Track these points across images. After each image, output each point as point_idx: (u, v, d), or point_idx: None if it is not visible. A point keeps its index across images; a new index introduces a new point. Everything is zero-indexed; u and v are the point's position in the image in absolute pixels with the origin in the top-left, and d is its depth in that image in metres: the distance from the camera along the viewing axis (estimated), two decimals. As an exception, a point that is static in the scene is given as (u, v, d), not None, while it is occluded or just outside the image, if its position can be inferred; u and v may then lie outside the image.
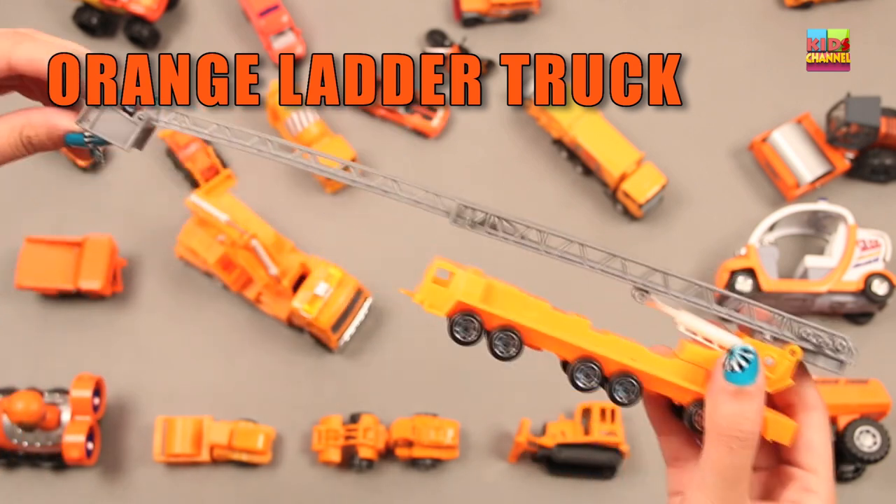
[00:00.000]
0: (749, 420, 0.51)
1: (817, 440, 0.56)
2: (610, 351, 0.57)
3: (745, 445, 0.51)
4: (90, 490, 1.55)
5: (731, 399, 0.51)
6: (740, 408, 0.51)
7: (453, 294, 0.56)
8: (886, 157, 1.69)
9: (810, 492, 0.54)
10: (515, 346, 0.56)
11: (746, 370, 0.51)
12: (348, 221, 1.74)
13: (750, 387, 0.51)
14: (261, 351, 1.64)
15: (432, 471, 1.55)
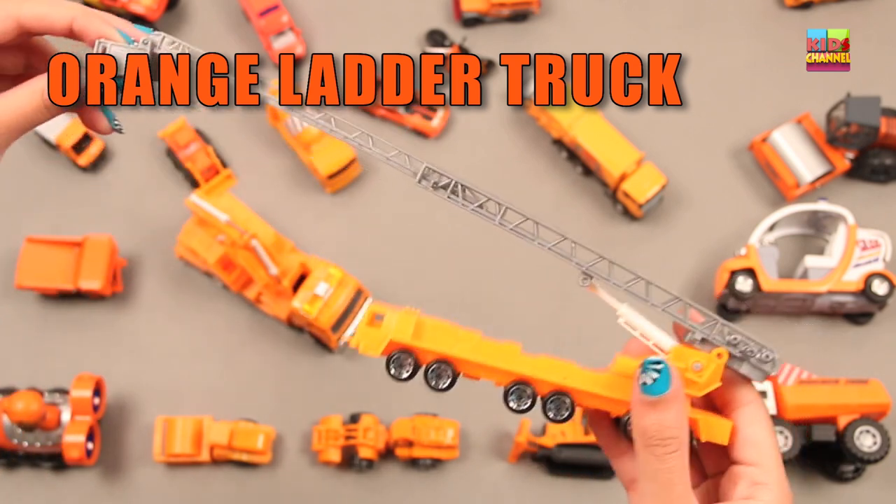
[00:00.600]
0: (670, 427, 0.53)
1: (758, 433, 0.57)
2: (540, 372, 0.59)
3: (672, 450, 0.53)
4: (90, 490, 1.55)
5: (650, 409, 0.53)
6: (659, 416, 0.53)
7: (385, 334, 0.58)
8: (886, 157, 1.69)
9: (759, 484, 0.56)
10: (449, 378, 0.58)
11: (659, 380, 0.53)
12: (348, 221, 1.74)
13: (665, 395, 0.52)
14: (261, 351, 1.64)
15: (432, 471, 1.55)
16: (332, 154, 1.71)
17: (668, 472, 0.53)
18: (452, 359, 0.58)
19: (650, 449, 0.53)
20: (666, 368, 0.53)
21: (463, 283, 1.67)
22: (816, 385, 1.47)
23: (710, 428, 0.56)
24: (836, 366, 1.57)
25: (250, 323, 1.66)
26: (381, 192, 1.75)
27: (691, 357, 0.57)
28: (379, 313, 0.60)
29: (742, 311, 1.63)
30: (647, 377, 0.53)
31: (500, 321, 1.61)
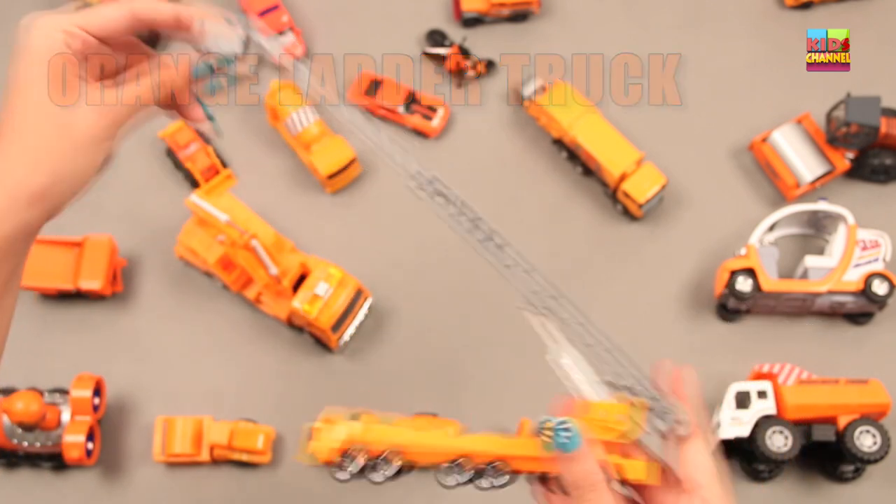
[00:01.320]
0: (592, 472, 0.61)
1: (702, 461, 0.64)
2: (472, 447, 0.65)
3: (601, 490, 0.61)
4: (90, 490, 1.55)
5: (571, 463, 0.61)
6: (582, 467, 0.61)
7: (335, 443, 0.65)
8: (886, 157, 1.69)
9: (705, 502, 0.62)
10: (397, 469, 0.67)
11: (572, 437, 0.60)
12: (348, 221, 1.74)
13: (581, 449, 0.60)
14: (261, 351, 1.64)
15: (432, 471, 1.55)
16: (332, 154, 1.71)
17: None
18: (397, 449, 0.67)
19: (581, 495, 0.61)
20: (573, 426, 0.60)
21: (463, 283, 1.67)
22: (816, 385, 1.47)
23: (633, 469, 0.63)
24: (836, 366, 1.56)
25: (250, 323, 1.66)
26: (382, 192, 1.75)
27: (613, 410, 0.63)
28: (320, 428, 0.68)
29: (742, 311, 1.63)
30: (562, 437, 0.60)
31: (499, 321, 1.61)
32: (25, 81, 0.64)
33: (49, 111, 0.63)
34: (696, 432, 0.65)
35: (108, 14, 0.65)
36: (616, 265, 1.69)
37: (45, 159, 0.64)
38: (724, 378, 1.52)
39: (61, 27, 0.64)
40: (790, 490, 1.53)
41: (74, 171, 0.65)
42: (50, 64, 0.64)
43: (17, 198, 0.63)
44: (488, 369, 1.59)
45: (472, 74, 1.83)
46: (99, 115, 0.65)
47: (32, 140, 0.63)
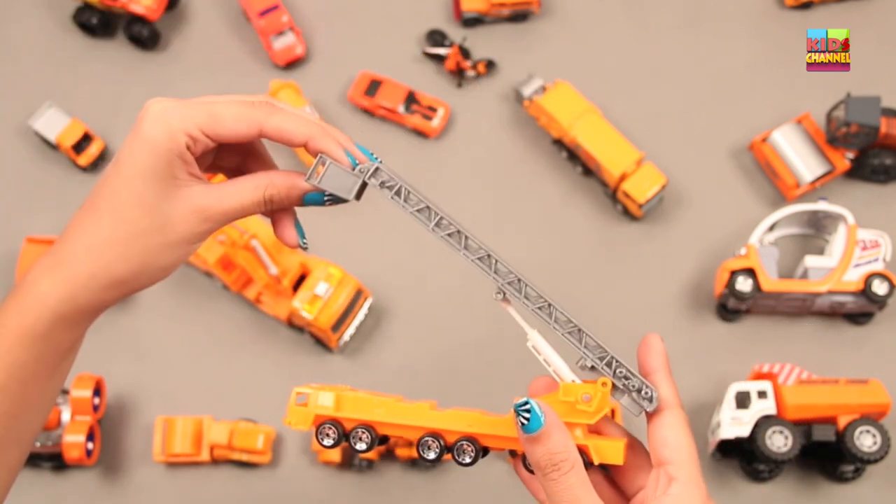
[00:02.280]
0: (557, 452, 0.60)
1: (670, 435, 0.62)
2: (446, 423, 0.66)
3: (565, 470, 0.60)
4: (90, 490, 1.55)
5: (535, 444, 0.60)
6: (544, 448, 0.60)
7: (311, 411, 0.66)
8: (886, 157, 1.69)
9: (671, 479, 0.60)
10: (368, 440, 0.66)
11: (532, 419, 0.59)
12: (348, 221, 1.74)
13: (542, 429, 0.59)
14: (261, 351, 1.64)
15: (432, 471, 1.55)
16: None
17: (569, 490, 0.59)
18: (370, 423, 0.66)
19: (548, 476, 0.60)
20: (533, 406, 0.60)
21: (462, 283, 1.67)
22: (816, 385, 1.47)
23: (600, 451, 0.62)
24: (836, 366, 1.56)
25: (250, 323, 1.66)
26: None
27: (580, 390, 0.63)
28: (302, 393, 0.68)
29: (742, 311, 1.63)
30: (521, 419, 0.59)
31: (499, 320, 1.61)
32: (134, 169, 0.62)
33: (150, 205, 0.63)
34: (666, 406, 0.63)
35: (238, 125, 0.64)
36: (616, 265, 1.69)
37: (136, 252, 0.63)
38: (724, 378, 1.52)
39: (186, 129, 0.62)
40: (790, 490, 1.53)
41: (161, 267, 0.65)
42: (164, 158, 0.62)
43: (99, 278, 0.64)
44: (488, 368, 1.59)
45: (472, 74, 1.83)
46: (198, 220, 0.64)
47: (125, 229, 0.63)
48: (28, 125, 1.77)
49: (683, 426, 0.63)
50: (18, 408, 0.64)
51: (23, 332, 0.63)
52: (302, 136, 0.65)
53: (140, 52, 1.88)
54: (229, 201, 0.65)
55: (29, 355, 0.63)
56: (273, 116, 0.65)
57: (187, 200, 0.64)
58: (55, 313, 0.64)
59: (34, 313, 0.63)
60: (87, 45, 1.89)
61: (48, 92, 1.81)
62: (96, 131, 1.78)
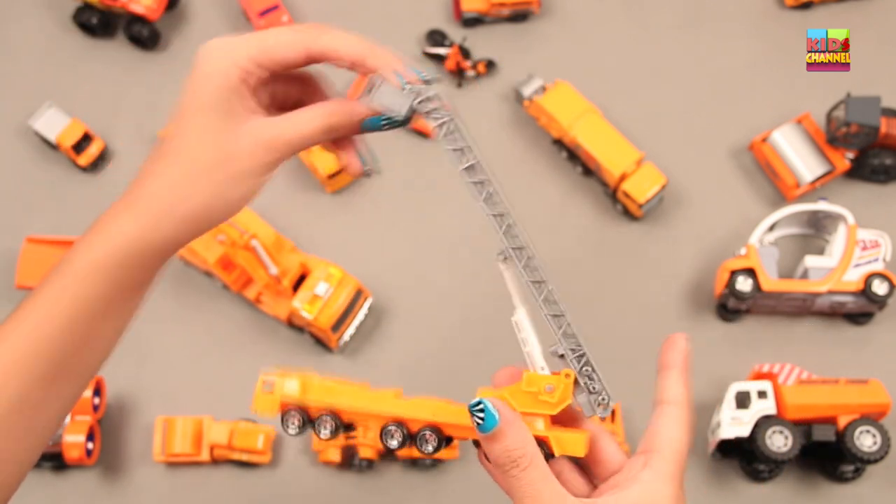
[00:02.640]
0: (513, 449, 0.60)
1: (664, 428, 0.61)
2: (409, 412, 0.66)
3: (524, 466, 0.60)
4: (90, 490, 1.55)
5: (492, 442, 0.60)
6: (501, 445, 0.60)
7: (277, 397, 0.66)
8: (886, 157, 1.69)
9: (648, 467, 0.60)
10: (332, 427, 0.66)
11: (486, 418, 0.59)
12: (348, 221, 1.74)
13: (497, 427, 0.59)
14: (261, 351, 1.64)
15: (432, 471, 1.55)
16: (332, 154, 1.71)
17: (530, 485, 0.59)
18: (335, 409, 0.66)
19: (507, 472, 0.60)
20: (486, 406, 0.59)
21: (463, 283, 1.67)
22: (816, 385, 1.47)
23: (561, 443, 0.62)
24: (836, 366, 1.57)
25: (250, 323, 1.66)
26: (382, 191, 1.75)
27: (543, 381, 0.63)
28: (268, 380, 0.68)
29: (742, 310, 1.63)
30: (476, 419, 0.59)
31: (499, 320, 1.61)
32: (194, 107, 0.65)
33: (213, 140, 0.64)
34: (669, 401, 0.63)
35: (287, 50, 0.65)
36: (616, 265, 1.69)
37: (205, 187, 0.64)
38: (724, 378, 1.52)
39: (237, 62, 0.64)
40: (790, 490, 1.53)
41: (228, 201, 0.65)
42: (221, 93, 0.64)
43: (171, 215, 0.64)
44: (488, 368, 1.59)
45: (472, 74, 1.83)
46: (263, 151, 0.64)
47: (192, 166, 0.64)
48: (28, 125, 1.77)
49: (681, 424, 0.62)
50: (80, 344, 0.64)
51: (92, 267, 0.64)
52: (351, 55, 0.65)
53: (140, 52, 1.88)
54: (291, 131, 0.65)
55: (96, 291, 0.64)
56: (322, 37, 0.66)
57: (250, 133, 0.64)
58: (125, 250, 0.64)
59: (104, 249, 0.64)
60: (87, 45, 1.89)
61: (48, 92, 1.81)
62: (96, 131, 1.78)
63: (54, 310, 0.63)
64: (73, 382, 0.67)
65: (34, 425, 0.66)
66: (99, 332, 0.66)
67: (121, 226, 0.64)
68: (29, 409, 0.64)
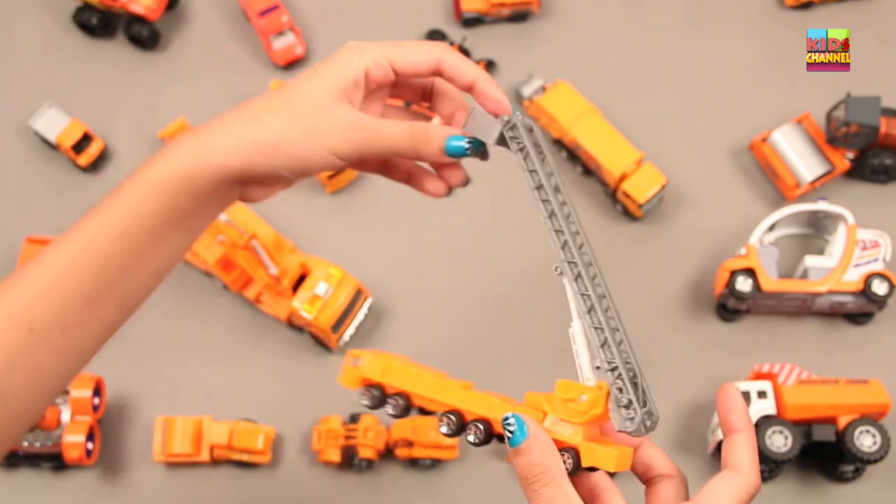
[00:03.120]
0: (536, 464, 0.61)
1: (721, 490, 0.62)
2: (468, 404, 0.69)
3: (545, 482, 0.61)
4: (90, 490, 1.55)
5: (517, 456, 0.62)
6: (525, 460, 0.62)
7: (360, 374, 0.72)
8: (886, 157, 1.69)
9: None
10: (402, 407, 0.71)
11: (516, 433, 0.62)
12: (348, 221, 1.74)
13: (525, 442, 0.62)
14: (261, 351, 1.64)
15: (432, 471, 1.55)
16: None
17: (548, 501, 0.61)
18: (405, 392, 0.71)
19: (529, 486, 0.61)
20: (518, 421, 0.62)
21: (463, 283, 1.67)
22: (816, 385, 1.47)
23: (591, 455, 0.63)
24: (836, 366, 1.57)
25: (250, 323, 1.66)
26: (381, 191, 1.75)
27: (578, 390, 0.64)
28: (356, 357, 0.73)
29: (742, 311, 1.63)
30: (507, 432, 0.63)
31: (500, 319, 1.61)
32: (313, 70, 0.68)
33: (311, 96, 0.66)
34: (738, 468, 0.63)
35: (419, 58, 0.69)
36: (616, 265, 1.69)
37: (283, 124, 0.65)
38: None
39: (373, 56, 0.68)
40: (790, 490, 1.53)
41: (299, 153, 0.66)
42: (340, 72, 0.67)
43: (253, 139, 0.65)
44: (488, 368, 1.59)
45: (472, 74, 1.82)
46: (345, 130, 0.67)
47: (283, 104, 0.66)
48: (28, 125, 1.77)
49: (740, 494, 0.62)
50: (128, 264, 0.66)
51: (153, 183, 0.65)
52: (471, 76, 0.70)
53: (140, 52, 1.88)
54: (387, 129, 0.68)
55: (154, 207, 0.65)
56: (451, 53, 0.70)
57: (349, 112, 0.67)
58: (191, 169, 0.64)
59: (169, 167, 0.65)
60: (87, 45, 1.89)
61: (48, 92, 1.81)
62: (96, 131, 1.78)
63: (109, 222, 0.66)
64: (117, 306, 0.68)
65: (75, 344, 0.67)
66: (148, 256, 0.66)
67: (192, 145, 0.65)
68: (72, 325, 0.65)
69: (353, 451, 1.53)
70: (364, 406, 0.71)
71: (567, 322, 0.66)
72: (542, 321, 1.64)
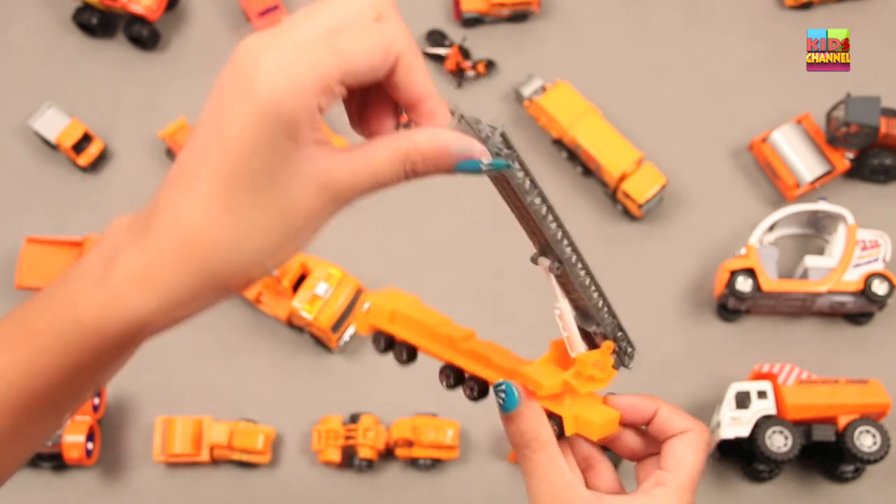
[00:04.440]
0: (527, 431, 0.62)
1: (681, 449, 0.63)
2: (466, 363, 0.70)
3: (535, 448, 0.61)
4: (90, 490, 1.55)
5: (509, 423, 0.63)
6: (516, 427, 0.62)
7: (369, 321, 0.72)
8: (886, 157, 1.69)
9: (660, 484, 0.62)
10: (407, 353, 0.71)
11: (507, 399, 0.63)
12: (348, 221, 1.74)
13: (515, 410, 0.62)
14: (261, 351, 1.64)
15: (432, 471, 1.55)
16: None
17: (538, 466, 0.61)
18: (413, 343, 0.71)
19: (520, 452, 0.62)
20: (509, 388, 0.63)
21: (463, 282, 1.67)
22: (816, 385, 1.47)
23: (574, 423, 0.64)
24: (836, 366, 1.57)
25: (250, 323, 1.66)
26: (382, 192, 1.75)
27: (589, 359, 0.66)
28: (368, 303, 0.73)
29: (742, 311, 1.63)
30: (499, 399, 0.63)
31: (500, 319, 1.61)
32: (244, 142, 0.45)
33: (257, 182, 0.47)
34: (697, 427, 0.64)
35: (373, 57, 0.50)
36: (616, 265, 1.69)
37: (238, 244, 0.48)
38: (724, 378, 1.52)
39: (319, 76, 0.45)
40: (790, 490, 1.53)
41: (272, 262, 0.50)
42: (287, 129, 0.45)
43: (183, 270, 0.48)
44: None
45: (472, 74, 1.83)
46: (325, 200, 0.50)
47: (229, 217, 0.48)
48: (28, 125, 1.76)
49: (699, 446, 0.64)
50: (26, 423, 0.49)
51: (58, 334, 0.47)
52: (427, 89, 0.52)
53: (140, 52, 1.88)
54: (363, 174, 0.50)
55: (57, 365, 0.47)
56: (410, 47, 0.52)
57: (312, 177, 0.48)
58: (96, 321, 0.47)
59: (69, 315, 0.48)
60: (87, 45, 1.89)
61: (48, 92, 1.81)
62: (96, 131, 1.78)
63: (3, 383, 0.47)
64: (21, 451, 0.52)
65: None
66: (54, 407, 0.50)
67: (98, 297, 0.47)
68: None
69: (353, 451, 1.53)
70: (378, 351, 0.71)
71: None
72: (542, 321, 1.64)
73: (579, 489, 0.61)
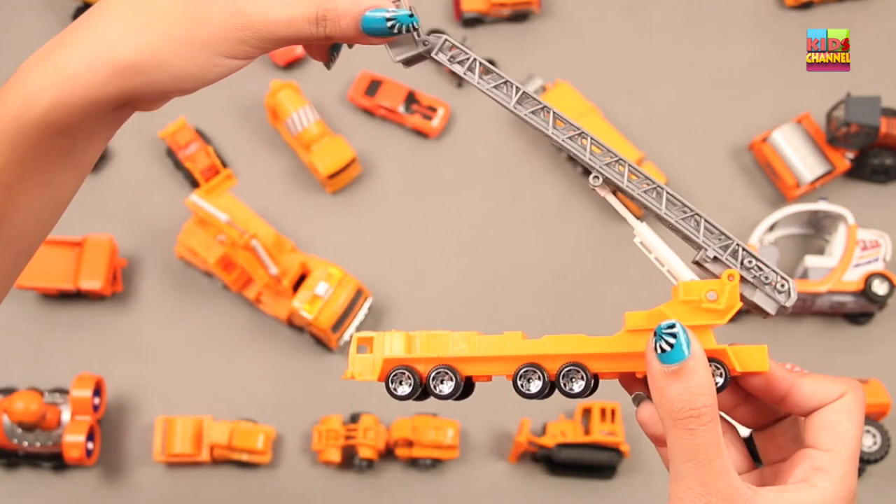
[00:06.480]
0: (699, 394, 0.47)
1: (837, 420, 0.51)
2: (547, 349, 0.56)
3: (705, 421, 0.48)
4: (90, 490, 1.55)
5: (673, 380, 0.48)
6: (685, 385, 0.48)
7: (379, 357, 0.56)
8: (886, 157, 1.69)
9: (820, 470, 0.50)
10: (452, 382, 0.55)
11: (676, 345, 0.48)
12: (348, 221, 1.74)
13: (687, 361, 0.48)
14: (261, 351, 1.64)
15: (432, 471, 1.55)
16: (332, 154, 1.71)
17: (706, 445, 0.47)
18: (451, 361, 0.55)
19: (682, 423, 0.47)
20: (682, 330, 0.49)
21: (463, 282, 1.67)
22: (816, 385, 1.46)
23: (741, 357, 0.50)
24: (835, 366, 1.57)
25: (250, 323, 1.66)
26: (382, 191, 1.75)
27: (703, 288, 0.53)
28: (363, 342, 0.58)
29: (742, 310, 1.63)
30: (662, 344, 0.48)
31: (501, 320, 1.61)
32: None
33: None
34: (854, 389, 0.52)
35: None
36: (616, 265, 1.69)
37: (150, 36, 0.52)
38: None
39: None
40: (790, 490, 1.52)
41: (179, 67, 0.53)
42: None
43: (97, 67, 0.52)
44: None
45: (472, 74, 1.83)
46: (236, 28, 0.53)
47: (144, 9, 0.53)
48: (28, 125, 1.76)
49: (857, 415, 0.52)
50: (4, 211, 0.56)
51: (5, 131, 0.54)
52: None
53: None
54: (276, 12, 0.53)
55: (12, 155, 0.54)
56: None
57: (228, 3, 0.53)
58: (42, 111, 0.54)
59: (16, 110, 0.55)
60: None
61: (48, 92, 1.81)
62: (96, 131, 1.78)
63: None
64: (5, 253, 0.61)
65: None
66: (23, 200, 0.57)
67: (36, 81, 0.55)
68: None
69: (353, 451, 1.53)
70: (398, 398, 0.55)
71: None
72: (543, 320, 1.64)
73: (734, 479, 0.48)
